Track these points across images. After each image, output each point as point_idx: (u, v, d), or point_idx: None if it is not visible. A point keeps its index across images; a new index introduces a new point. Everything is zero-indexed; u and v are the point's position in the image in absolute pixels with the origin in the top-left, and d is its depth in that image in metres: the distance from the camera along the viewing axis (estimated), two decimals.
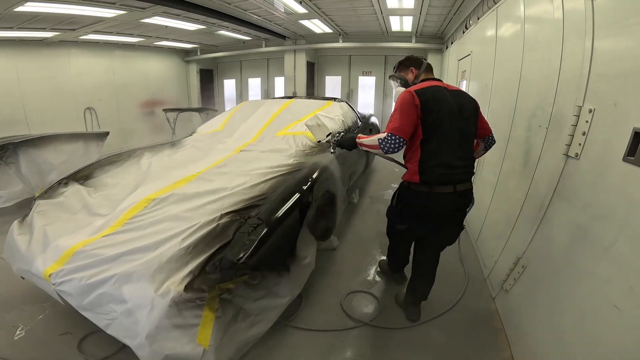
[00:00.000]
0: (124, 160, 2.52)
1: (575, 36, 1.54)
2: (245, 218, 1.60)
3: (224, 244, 1.48)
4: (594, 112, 1.39)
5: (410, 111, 1.57)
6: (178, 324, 1.31)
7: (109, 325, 1.43)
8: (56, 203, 2.00)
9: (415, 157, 1.64)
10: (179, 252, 1.43)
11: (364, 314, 2.06)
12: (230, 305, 1.41)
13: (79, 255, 1.52)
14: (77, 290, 1.44)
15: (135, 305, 1.34)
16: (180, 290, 1.31)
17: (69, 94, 6.46)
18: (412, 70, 1.83)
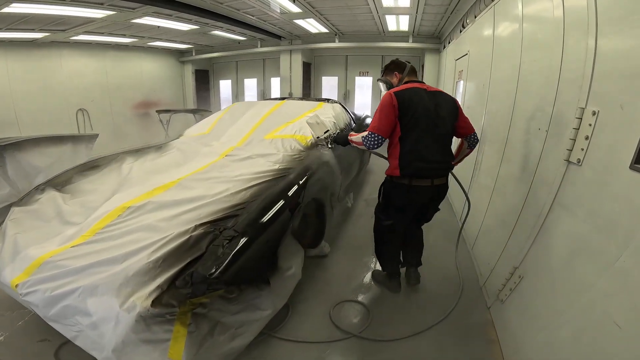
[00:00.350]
0: (105, 164, 2.42)
1: (577, 33, 1.45)
2: (220, 230, 1.52)
3: (195, 257, 1.41)
4: (597, 114, 1.29)
5: (388, 112, 1.76)
6: (147, 338, 1.27)
7: (76, 337, 1.41)
8: (30, 210, 1.93)
9: (395, 153, 1.81)
10: (146, 266, 1.36)
11: (353, 324, 1.98)
12: (206, 319, 1.36)
13: (46, 265, 1.47)
14: (42, 302, 1.41)
15: (100, 318, 1.31)
16: (147, 306, 1.26)
17: (61, 95, 6.37)
18: (396, 75, 2.00)
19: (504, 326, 1.84)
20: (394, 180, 1.86)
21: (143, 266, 1.36)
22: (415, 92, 1.81)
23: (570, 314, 1.28)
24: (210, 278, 1.35)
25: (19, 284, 1.46)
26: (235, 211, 1.64)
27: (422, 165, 1.78)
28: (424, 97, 1.80)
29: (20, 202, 2.01)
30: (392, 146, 1.84)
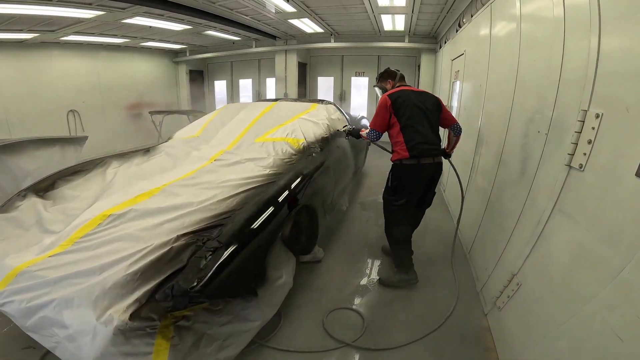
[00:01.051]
0: (90, 169, 2.35)
1: (579, 32, 1.38)
2: (203, 241, 1.46)
3: (176, 269, 1.36)
4: (601, 117, 1.22)
5: (383, 112, 2.18)
6: (127, 351, 1.25)
7: (55, 348, 1.38)
8: (10, 217, 1.86)
9: (400, 141, 2.15)
10: (124, 278, 1.32)
11: (347, 332, 1.91)
12: (190, 331, 1.32)
13: (22, 276, 1.44)
14: (18, 313, 1.39)
15: (77, 331, 1.28)
16: (124, 319, 1.22)
17: (51, 96, 6.26)
18: (389, 82, 2.44)
19: (501, 334, 1.79)
20: (404, 162, 2.14)
21: (121, 278, 1.31)
22: (404, 92, 2.22)
23: (570, 324, 1.23)
24: (191, 291, 1.30)
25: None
26: (221, 220, 1.58)
27: (426, 147, 2.13)
28: (411, 96, 2.20)
29: (1, 209, 1.94)
30: (395, 136, 2.17)
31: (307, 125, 2.76)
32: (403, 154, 2.13)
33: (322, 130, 2.80)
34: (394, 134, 2.17)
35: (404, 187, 2.22)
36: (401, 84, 2.37)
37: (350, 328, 1.95)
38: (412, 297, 2.25)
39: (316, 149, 2.59)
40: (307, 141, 2.58)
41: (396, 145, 2.18)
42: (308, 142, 2.58)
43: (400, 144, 2.15)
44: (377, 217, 3.58)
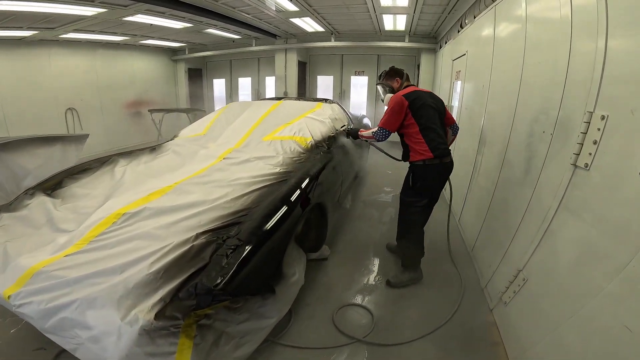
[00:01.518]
0: (97, 167, 2.35)
1: (586, 35, 1.42)
2: (223, 239, 1.47)
3: (198, 268, 1.36)
4: (607, 119, 1.27)
5: (399, 111, 2.16)
6: (152, 352, 1.23)
7: (76, 349, 1.35)
8: (19, 216, 1.85)
9: (422, 142, 2.16)
10: (147, 277, 1.31)
11: (356, 329, 1.95)
12: (211, 330, 1.32)
13: (38, 276, 1.42)
14: (37, 314, 1.35)
15: (102, 332, 1.25)
16: (150, 319, 1.22)
17: (50, 94, 6.19)
18: (397, 80, 2.40)
19: (508, 328, 1.84)
20: (427, 162, 2.17)
21: (144, 277, 1.31)
22: (419, 93, 2.21)
23: (578, 317, 1.28)
24: (215, 289, 1.31)
25: (11, 295, 1.39)
26: (237, 218, 1.59)
27: (444, 146, 2.19)
28: (426, 97, 2.22)
29: (9, 208, 1.93)
30: (414, 137, 2.18)
31: (314, 124, 2.78)
32: (427, 154, 2.14)
33: (328, 129, 2.82)
34: (412, 135, 2.18)
35: (428, 187, 2.24)
36: (408, 84, 2.38)
37: (360, 324, 1.99)
38: (418, 294, 2.30)
39: (323, 148, 2.61)
40: (315, 140, 2.61)
41: (417, 146, 2.18)
42: (315, 141, 2.60)
43: (421, 144, 2.16)
44: (380, 215, 3.64)
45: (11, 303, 1.40)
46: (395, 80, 2.39)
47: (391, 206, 3.85)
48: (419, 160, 2.19)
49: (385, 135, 2.21)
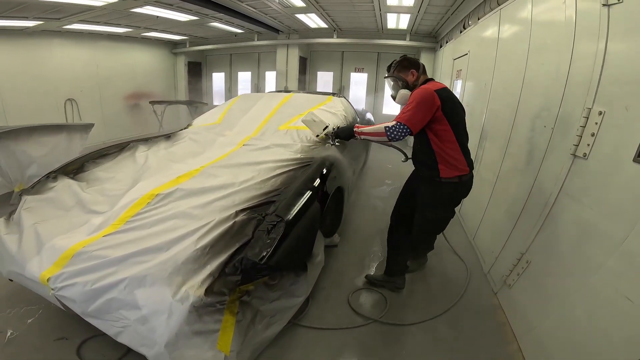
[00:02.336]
0: (116, 153, 2.38)
1: (588, 41, 1.58)
2: (262, 215, 1.52)
3: (243, 243, 1.41)
4: (604, 114, 1.44)
5: (429, 108, 1.70)
6: (198, 330, 1.24)
7: (120, 333, 1.32)
8: (46, 199, 1.85)
9: (457, 152, 1.80)
10: (195, 253, 1.34)
11: (372, 311, 2.06)
12: (249, 307, 1.35)
13: (79, 256, 1.39)
14: (81, 296, 1.32)
15: (151, 311, 1.24)
16: (200, 295, 1.23)
17: (50, 85, 6.18)
18: (412, 73, 1.91)
19: (513, 308, 1.97)
20: (464, 178, 1.84)
21: (192, 253, 1.33)
22: (449, 92, 1.80)
23: (582, 293, 1.40)
24: (260, 264, 1.33)
25: (50, 277, 1.37)
26: (270, 198, 1.65)
27: (471, 159, 1.89)
28: (455, 97, 1.87)
29: (31, 191, 1.92)
30: (448, 147, 1.77)
31: (326, 115, 2.86)
32: (463, 168, 1.82)
33: (340, 120, 2.91)
34: (445, 142, 1.76)
35: (457, 204, 2.00)
36: (427, 78, 1.93)
37: (374, 306, 2.10)
38: (425, 279, 2.43)
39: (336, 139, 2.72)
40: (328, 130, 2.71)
41: (450, 158, 1.79)
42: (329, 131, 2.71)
43: (457, 155, 1.79)
44: (384, 206, 3.79)
45: (51, 286, 1.37)
46: (410, 73, 1.90)
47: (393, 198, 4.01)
48: (453, 176, 1.81)
49: (403, 134, 1.68)
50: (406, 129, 1.68)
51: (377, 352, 1.78)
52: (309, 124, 2.14)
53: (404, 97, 1.88)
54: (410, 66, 1.91)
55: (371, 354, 1.78)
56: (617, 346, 1.18)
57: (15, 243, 1.58)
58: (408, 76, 1.91)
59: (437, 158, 1.80)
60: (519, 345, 1.76)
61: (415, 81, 1.91)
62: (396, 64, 1.96)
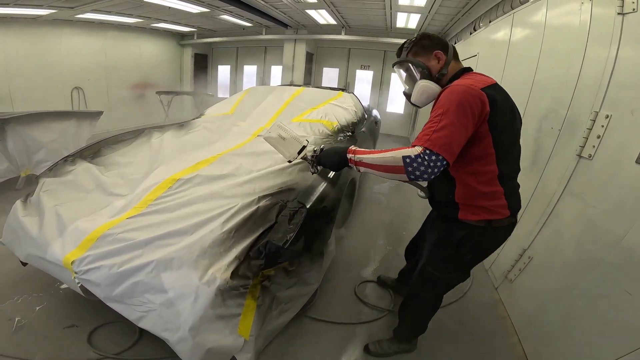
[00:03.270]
0: (132, 139, 2.41)
1: (600, 47, 1.64)
2: (285, 202, 1.55)
3: (267, 228, 1.43)
4: (610, 117, 1.51)
5: (471, 121, 1.06)
6: (221, 314, 1.24)
7: (142, 318, 1.30)
8: (65, 182, 1.85)
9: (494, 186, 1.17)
10: (221, 236, 1.34)
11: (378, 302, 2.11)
12: (268, 293, 1.38)
13: (104, 239, 1.38)
14: (106, 280, 1.31)
15: (177, 295, 1.23)
16: (226, 278, 1.24)
17: (58, 73, 6.24)
18: (437, 55, 1.26)
19: (513, 303, 2.04)
20: (495, 224, 1.22)
21: (218, 236, 1.34)
22: (503, 91, 1.18)
23: (582, 287, 1.46)
24: (283, 248, 1.35)
25: (75, 260, 1.35)
26: (289, 186, 1.67)
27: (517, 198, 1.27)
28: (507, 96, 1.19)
29: (49, 174, 1.92)
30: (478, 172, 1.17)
31: (338, 110, 2.91)
32: (500, 211, 1.20)
33: (351, 115, 2.95)
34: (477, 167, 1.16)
35: (481, 258, 1.38)
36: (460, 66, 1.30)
37: (380, 297, 2.15)
38: None
39: (348, 132, 2.74)
40: (340, 124, 2.73)
41: (483, 197, 1.19)
42: (341, 125, 2.72)
43: (494, 195, 1.18)
44: (387, 200, 3.88)
45: (74, 269, 1.35)
46: (435, 56, 1.26)
47: (397, 193, 4.11)
48: (478, 220, 1.21)
49: (435, 168, 1.02)
50: (441, 161, 1.02)
51: None
52: (275, 143, 1.48)
53: (425, 92, 1.25)
54: (434, 46, 1.27)
55: None
56: (615, 338, 1.24)
57: (35, 225, 1.56)
58: (431, 60, 1.27)
59: (457, 188, 1.22)
60: (519, 337, 1.84)
61: (442, 69, 1.25)
62: (411, 43, 1.31)
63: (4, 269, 2.03)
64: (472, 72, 1.28)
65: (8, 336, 1.58)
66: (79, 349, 1.54)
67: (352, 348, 1.76)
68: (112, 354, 1.53)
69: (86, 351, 1.53)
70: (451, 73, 1.28)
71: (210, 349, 1.23)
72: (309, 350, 1.69)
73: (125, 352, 1.56)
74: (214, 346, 1.24)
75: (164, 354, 1.51)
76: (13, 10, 4.78)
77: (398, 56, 1.36)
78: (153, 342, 1.54)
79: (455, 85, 1.12)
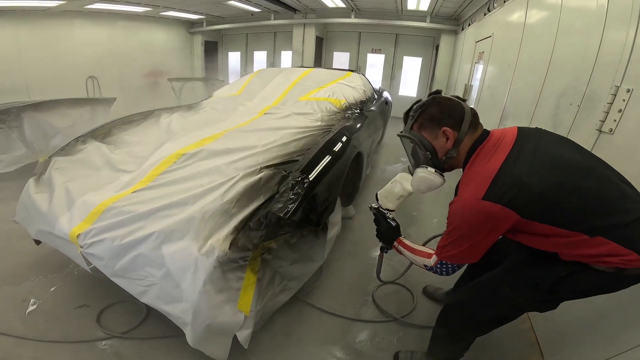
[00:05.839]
0: (142, 119, 2.43)
1: (618, 24, 1.60)
2: (287, 172, 1.52)
3: (268, 198, 1.39)
4: (632, 92, 1.46)
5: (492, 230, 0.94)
6: (222, 288, 1.20)
7: (145, 293, 1.30)
8: (76, 160, 1.88)
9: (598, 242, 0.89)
10: (222, 207, 1.31)
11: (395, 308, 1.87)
12: (269, 267, 1.31)
13: (109, 212, 1.38)
14: (109, 253, 1.30)
15: (177, 267, 1.21)
16: (225, 249, 1.19)
17: (72, 63, 6.38)
18: (445, 133, 1.05)
19: None
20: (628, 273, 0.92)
21: (218, 207, 1.30)
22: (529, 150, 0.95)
23: None
24: (284, 219, 1.31)
25: (80, 233, 1.34)
26: (293, 158, 1.66)
27: None
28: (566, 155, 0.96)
29: (61, 153, 1.96)
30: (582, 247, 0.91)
31: (346, 89, 2.88)
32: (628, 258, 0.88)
33: (359, 94, 2.92)
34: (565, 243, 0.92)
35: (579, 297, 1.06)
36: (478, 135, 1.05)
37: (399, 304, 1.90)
38: None
39: (356, 110, 2.72)
40: (348, 102, 2.69)
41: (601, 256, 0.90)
42: (349, 103, 2.69)
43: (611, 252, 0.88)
44: None
45: (79, 243, 1.35)
46: (443, 133, 1.05)
47: None
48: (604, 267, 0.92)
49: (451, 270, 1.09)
50: (454, 267, 1.08)
51: None
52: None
53: (423, 183, 1.11)
54: (444, 118, 1.05)
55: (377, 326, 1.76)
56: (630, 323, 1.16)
57: (45, 201, 1.59)
58: (438, 138, 1.07)
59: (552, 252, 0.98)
60: (531, 323, 1.79)
61: (451, 150, 1.06)
62: (417, 111, 1.10)
63: (21, 250, 2.07)
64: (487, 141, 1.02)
65: (22, 317, 1.60)
66: (88, 329, 1.56)
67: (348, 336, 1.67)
68: (119, 332, 1.54)
69: (95, 331, 1.55)
70: (463, 153, 1.05)
71: (209, 325, 1.21)
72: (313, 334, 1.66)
73: (132, 331, 1.56)
74: (214, 322, 1.21)
75: (169, 333, 1.50)
76: (23, 2, 4.84)
77: (405, 122, 1.16)
78: (159, 321, 1.53)
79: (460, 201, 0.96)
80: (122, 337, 1.53)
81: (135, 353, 1.47)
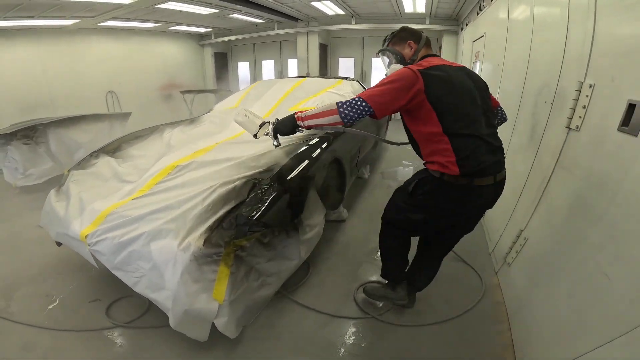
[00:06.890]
0: (147, 134, 2.71)
1: (579, 17, 1.59)
2: (258, 180, 1.75)
3: (239, 202, 1.62)
4: (593, 87, 1.44)
5: (403, 92, 1.30)
6: (198, 278, 1.42)
7: (136, 283, 1.55)
8: (89, 173, 2.18)
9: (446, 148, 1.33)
10: (201, 210, 1.55)
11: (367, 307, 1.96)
12: (243, 263, 1.51)
13: (111, 216, 1.66)
14: (109, 250, 1.57)
15: (161, 260, 1.45)
16: (200, 245, 1.42)
17: (91, 79, 6.75)
18: (410, 44, 1.56)
19: (509, 288, 1.96)
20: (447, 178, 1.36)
21: (198, 210, 1.55)
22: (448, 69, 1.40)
23: (567, 269, 1.39)
24: (251, 220, 1.54)
25: (88, 234, 1.64)
26: (269, 168, 1.88)
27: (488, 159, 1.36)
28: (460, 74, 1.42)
29: (77, 167, 2.28)
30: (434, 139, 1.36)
31: (335, 97, 2.99)
32: (451, 168, 1.33)
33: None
34: (430, 133, 1.36)
35: (434, 207, 1.48)
36: (429, 53, 1.57)
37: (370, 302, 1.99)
38: None
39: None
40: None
41: (437, 153, 1.37)
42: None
43: (444, 152, 1.34)
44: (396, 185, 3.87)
45: (87, 242, 1.64)
46: (407, 45, 1.55)
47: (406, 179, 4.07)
48: (434, 169, 1.40)
49: (361, 113, 1.33)
50: (366, 107, 1.31)
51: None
52: (244, 124, 1.72)
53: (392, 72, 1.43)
54: (408, 37, 1.57)
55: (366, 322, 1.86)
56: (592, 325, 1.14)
57: (63, 208, 1.90)
58: (405, 49, 1.57)
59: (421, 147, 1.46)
60: (510, 324, 1.76)
61: (413, 56, 1.55)
62: (392, 35, 1.64)
63: (47, 253, 2.38)
64: (433, 56, 1.55)
65: (44, 310, 1.89)
66: (98, 320, 1.82)
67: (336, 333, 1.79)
68: (124, 322, 1.80)
69: (104, 321, 1.81)
70: (419, 57, 1.56)
71: (187, 310, 1.41)
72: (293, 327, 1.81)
73: (135, 322, 1.81)
74: (191, 308, 1.41)
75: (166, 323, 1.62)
76: (38, 22, 5.21)
77: (383, 44, 1.68)
78: (155, 314, 1.77)
79: (404, 68, 1.39)
80: (126, 326, 1.78)
81: (136, 340, 1.72)
